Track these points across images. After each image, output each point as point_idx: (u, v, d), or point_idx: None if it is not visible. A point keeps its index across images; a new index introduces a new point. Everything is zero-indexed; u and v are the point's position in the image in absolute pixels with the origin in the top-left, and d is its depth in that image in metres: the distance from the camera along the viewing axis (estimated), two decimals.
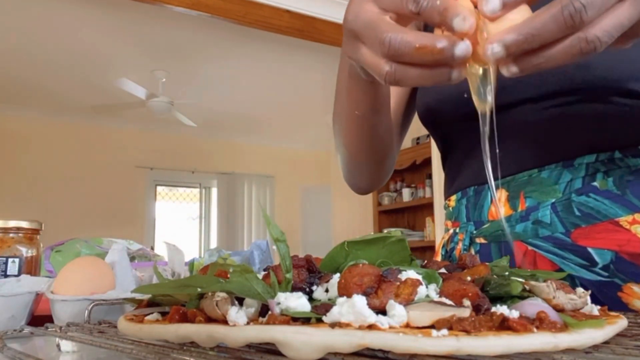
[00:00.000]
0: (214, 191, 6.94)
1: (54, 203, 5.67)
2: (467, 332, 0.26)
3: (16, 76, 4.81)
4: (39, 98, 5.42)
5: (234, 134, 6.81)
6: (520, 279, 0.35)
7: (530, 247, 0.61)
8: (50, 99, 5.46)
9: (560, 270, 0.59)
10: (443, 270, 0.41)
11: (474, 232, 0.67)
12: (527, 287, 0.34)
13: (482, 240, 0.66)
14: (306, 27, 3.52)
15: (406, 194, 5.15)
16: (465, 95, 0.48)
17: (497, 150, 0.45)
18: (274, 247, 0.37)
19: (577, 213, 0.59)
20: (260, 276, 0.35)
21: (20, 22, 3.79)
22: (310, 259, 0.37)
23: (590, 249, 0.58)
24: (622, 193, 0.58)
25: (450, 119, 0.69)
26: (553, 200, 0.60)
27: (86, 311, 0.53)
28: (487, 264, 0.39)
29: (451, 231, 0.72)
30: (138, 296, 0.46)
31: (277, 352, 0.28)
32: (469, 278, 0.35)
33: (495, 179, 0.61)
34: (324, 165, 7.14)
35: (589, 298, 0.36)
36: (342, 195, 6.30)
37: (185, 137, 6.54)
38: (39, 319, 0.59)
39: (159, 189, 6.66)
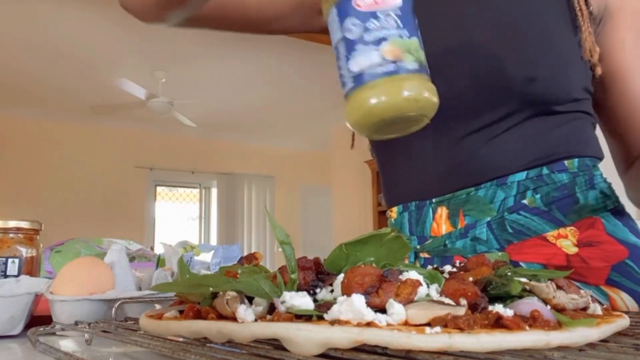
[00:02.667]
0: (214, 191, 6.94)
1: (54, 203, 5.68)
2: (461, 329, 0.27)
3: (16, 76, 4.81)
4: (39, 98, 5.42)
5: (234, 134, 6.82)
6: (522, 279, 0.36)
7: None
8: (51, 99, 5.46)
9: None
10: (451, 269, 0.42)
11: (418, 247, 0.70)
12: (528, 288, 0.35)
13: (426, 255, 0.69)
14: None
15: None
16: None
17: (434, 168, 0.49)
18: (279, 249, 0.38)
19: (510, 230, 0.64)
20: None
21: (20, 22, 3.79)
22: (319, 260, 0.39)
23: (522, 263, 0.63)
24: (548, 209, 0.63)
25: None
26: (489, 218, 0.65)
27: (113, 309, 0.55)
28: (489, 264, 0.40)
29: None
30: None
31: (283, 348, 0.30)
32: (471, 278, 0.35)
33: (437, 195, 0.67)
34: (324, 165, 7.14)
35: (590, 298, 0.36)
36: (342, 196, 6.30)
37: (185, 137, 6.54)
38: (39, 320, 0.60)
39: (159, 189, 6.67)
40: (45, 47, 4.21)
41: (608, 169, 0.69)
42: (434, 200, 0.68)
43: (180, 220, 6.83)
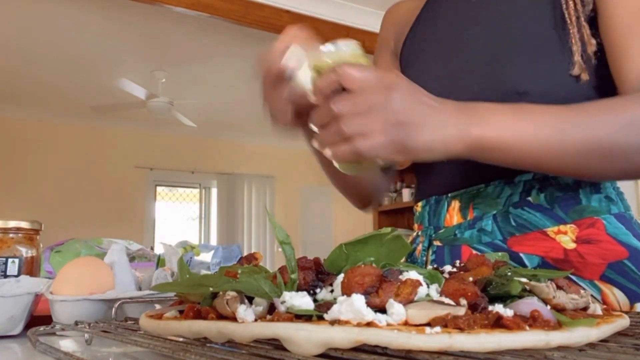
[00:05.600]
0: (214, 191, 6.94)
1: (54, 203, 5.67)
2: (461, 329, 0.27)
3: (16, 76, 4.81)
4: (39, 98, 5.42)
5: (234, 134, 6.81)
6: (522, 279, 0.36)
7: (474, 251, 0.70)
8: (50, 99, 5.46)
9: None
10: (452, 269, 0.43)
11: (433, 235, 0.76)
12: (528, 288, 0.35)
13: (438, 243, 0.76)
14: (306, 27, 3.52)
15: (406, 194, 5.15)
16: None
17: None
18: (279, 249, 0.38)
19: (513, 223, 0.68)
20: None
21: (20, 22, 3.79)
22: (319, 260, 0.38)
23: (522, 254, 0.67)
24: (551, 207, 0.67)
25: None
26: (495, 211, 0.70)
27: (113, 309, 0.55)
28: (490, 264, 0.40)
29: (414, 233, 0.82)
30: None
31: (283, 348, 0.30)
32: (471, 278, 0.35)
33: (451, 191, 0.75)
34: None
35: (590, 297, 0.37)
36: (342, 196, 6.29)
37: (185, 137, 6.54)
38: (39, 320, 0.60)
39: (159, 189, 6.66)
40: (45, 47, 4.20)
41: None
42: (449, 194, 0.75)
43: (180, 220, 6.83)
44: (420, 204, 0.82)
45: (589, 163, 0.55)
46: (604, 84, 0.67)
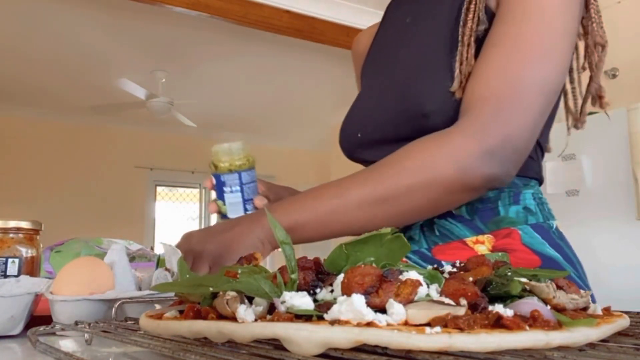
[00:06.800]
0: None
1: (54, 203, 5.67)
2: (461, 329, 0.27)
3: (16, 76, 4.81)
4: (39, 98, 5.42)
5: (234, 134, 6.81)
6: (522, 279, 0.36)
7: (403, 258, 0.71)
8: (50, 99, 5.46)
9: None
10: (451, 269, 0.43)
11: None
12: (528, 288, 0.35)
13: None
14: (306, 27, 3.52)
15: None
16: (359, 135, 0.80)
17: None
18: (279, 249, 0.38)
19: (437, 233, 0.73)
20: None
21: (20, 22, 3.79)
22: (319, 260, 0.38)
23: (443, 262, 0.69)
24: (471, 218, 0.71)
25: (367, 142, 0.81)
26: (422, 222, 0.74)
27: (113, 309, 0.55)
28: (489, 264, 0.40)
29: None
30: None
31: (283, 348, 0.30)
32: (471, 278, 0.35)
33: None
34: (324, 165, 7.13)
35: (590, 298, 0.37)
36: None
37: (185, 137, 6.53)
38: (39, 320, 0.60)
39: (159, 189, 6.66)
40: (45, 47, 4.20)
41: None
42: None
43: (180, 220, 6.83)
44: None
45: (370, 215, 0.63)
46: None
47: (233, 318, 0.33)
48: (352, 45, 1.03)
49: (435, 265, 0.53)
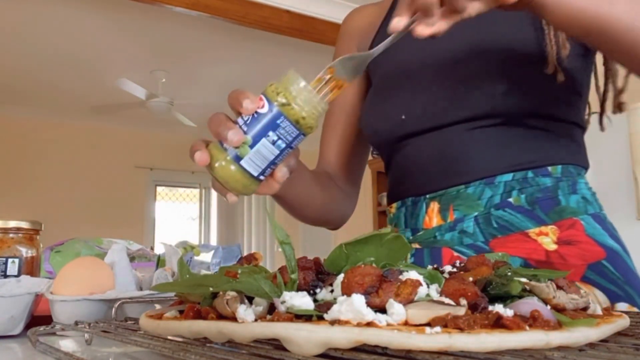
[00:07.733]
0: (214, 191, 6.93)
1: (54, 203, 5.67)
2: (461, 329, 0.27)
3: (16, 76, 4.81)
4: (39, 98, 5.41)
5: None
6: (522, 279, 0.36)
7: (455, 253, 0.70)
8: (50, 99, 5.46)
9: None
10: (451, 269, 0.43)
11: (410, 237, 0.75)
12: (528, 288, 0.35)
13: (417, 246, 0.74)
14: (306, 27, 3.52)
15: None
16: (403, 117, 0.71)
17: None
18: (279, 249, 0.38)
19: (495, 225, 0.68)
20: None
21: (20, 22, 3.79)
22: (319, 260, 0.38)
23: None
24: (532, 208, 0.68)
25: (391, 139, 0.78)
26: (476, 213, 0.69)
27: (113, 309, 0.55)
28: (489, 264, 0.40)
29: None
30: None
31: (283, 348, 0.30)
32: (471, 278, 0.35)
33: (429, 192, 0.73)
34: None
35: (590, 298, 0.37)
36: None
37: (185, 137, 6.53)
38: (39, 320, 0.60)
39: (159, 189, 6.66)
40: (45, 47, 4.20)
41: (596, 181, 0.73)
42: (427, 196, 0.73)
43: (180, 220, 6.83)
44: (394, 205, 0.80)
45: None
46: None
47: (233, 318, 0.33)
48: (343, 23, 0.94)
49: (435, 265, 0.53)
